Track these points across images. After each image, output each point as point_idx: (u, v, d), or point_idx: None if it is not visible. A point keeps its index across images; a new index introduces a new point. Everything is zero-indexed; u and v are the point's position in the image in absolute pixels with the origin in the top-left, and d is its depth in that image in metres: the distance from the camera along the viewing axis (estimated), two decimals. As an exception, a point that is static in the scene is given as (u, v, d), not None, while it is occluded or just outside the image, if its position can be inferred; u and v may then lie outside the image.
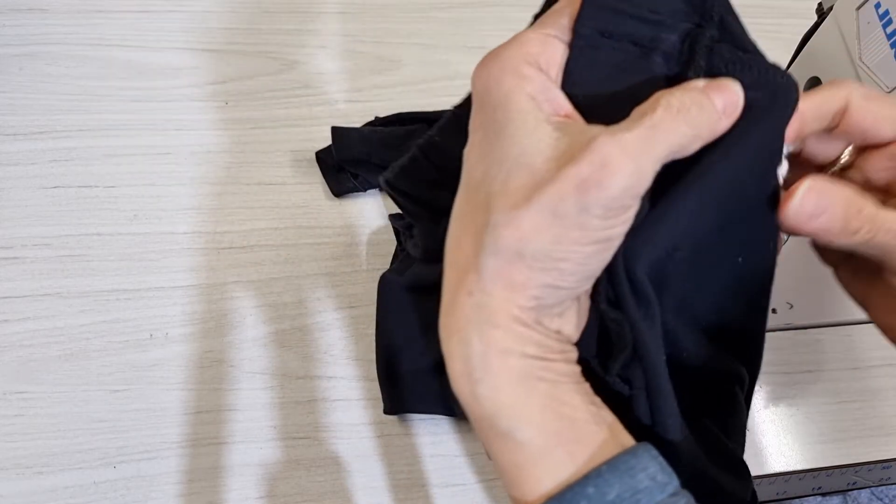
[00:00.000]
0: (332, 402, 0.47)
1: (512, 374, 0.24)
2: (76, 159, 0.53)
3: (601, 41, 0.27)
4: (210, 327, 0.48)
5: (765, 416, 0.51)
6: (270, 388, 0.47)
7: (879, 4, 0.38)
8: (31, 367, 0.46)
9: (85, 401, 0.45)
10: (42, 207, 0.51)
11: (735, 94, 0.26)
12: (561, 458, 0.24)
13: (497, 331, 0.24)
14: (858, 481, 0.52)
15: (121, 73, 0.57)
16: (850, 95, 0.28)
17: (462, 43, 0.62)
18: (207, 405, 0.46)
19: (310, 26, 0.61)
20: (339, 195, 0.54)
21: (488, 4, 0.65)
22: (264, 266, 0.51)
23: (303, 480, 0.45)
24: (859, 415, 0.52)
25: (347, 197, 0.54)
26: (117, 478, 0.44)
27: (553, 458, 0.24)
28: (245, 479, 0.45)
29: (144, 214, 0.52)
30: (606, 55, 0.27)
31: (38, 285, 0.48)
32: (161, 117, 0.55)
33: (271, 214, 0.53)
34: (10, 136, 0.53)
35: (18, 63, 0.56)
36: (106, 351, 0.47)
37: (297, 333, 0.49)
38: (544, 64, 0.26)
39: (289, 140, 0.56)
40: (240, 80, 0.58)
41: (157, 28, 0.59)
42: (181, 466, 0.44)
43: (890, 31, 0.38)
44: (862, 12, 0.39)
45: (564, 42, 0.27)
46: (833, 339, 0.54)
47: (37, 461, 0.44)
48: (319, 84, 0.58)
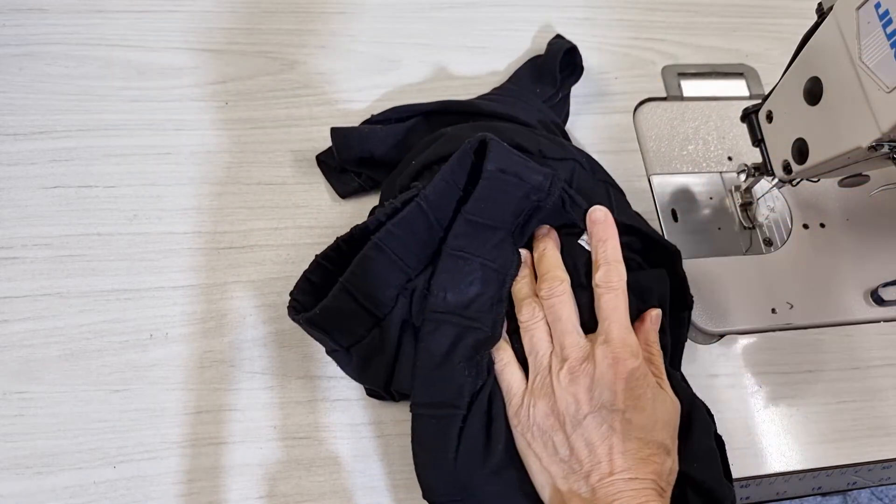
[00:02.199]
0: (332, 402, 0.47)
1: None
2: (76, 159, 0.53)
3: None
4: (210, 327, 0.48)
5: (765, 416, 0.51)
6: (270, 388, 0.47)
7: (879, 4, 0.38)
8: (31, 367, 0.46)
9: (85, 401, 0.45)
10: (42, 207, 0.51)
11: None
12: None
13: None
14: (858, 481, 0.52)
15: (121, 73, 0.57)
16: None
17: (462, 43, 0.62)
18: (207, 405, 0.46)
19: (310, 26, 0.61)
20: (345, 196, 0.54)
21: (488, 4, 0.65)
22: (264, 266, 0.51)
23: (303, 480, 0.45)
24: (859, 415, 0.52)
25: (349, 197, 0.54)
26: (117, 478, 0.44)
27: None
28: (245, 479, 0.45)
29: (144, 214, 0.52)
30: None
31: (38, 285, 0.48)
32: (161, 117, 0.55)
33: (271, 214, 0.53)
34: (10, 136, 0.53)
35: (18, 63, 0.56)
36: (106, 351, 0.47)
37: (297, 333, 0.49)
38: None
39: (289, 140, 0.56)
40: (240, 80, 0.58)
41: (157, 28, 0.59)
42: (181, 466, 0.44)
43: (890, 31, 0.38)
44: (862, 12, 0.39)
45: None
46: (833, 339, 0.54)
47: (37, 461, 0.44)
48: (319, 84, 0.58)
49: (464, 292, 0.43)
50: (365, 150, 0.52)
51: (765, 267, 0.55)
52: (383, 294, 0.43)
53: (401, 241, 0.43)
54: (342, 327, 0.43)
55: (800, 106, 0.45)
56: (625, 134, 0.60)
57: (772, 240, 0.57)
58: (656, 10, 0.67)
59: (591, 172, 0.51)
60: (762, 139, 0.51)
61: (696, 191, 0.59)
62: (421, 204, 0.43)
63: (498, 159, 0.43)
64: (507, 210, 0.44)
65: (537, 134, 0.51)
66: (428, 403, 0.42)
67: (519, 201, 0.44)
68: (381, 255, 0.43)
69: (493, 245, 0.44)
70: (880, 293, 0.55)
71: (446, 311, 0.43)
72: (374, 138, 0.52)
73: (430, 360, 0.42)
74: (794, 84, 0.46)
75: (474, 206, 0.44)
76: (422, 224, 0.44)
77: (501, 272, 0.44)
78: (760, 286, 0.54)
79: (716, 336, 0.53)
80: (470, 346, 0.42)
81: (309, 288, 0.45)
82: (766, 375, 0.52)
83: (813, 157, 0.45)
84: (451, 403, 0.41)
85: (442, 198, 0.44)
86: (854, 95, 0.40)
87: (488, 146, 0.44)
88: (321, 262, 0.45)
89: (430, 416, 0.42)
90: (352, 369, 0.46)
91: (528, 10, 0.65)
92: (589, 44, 0.64)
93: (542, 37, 0.63)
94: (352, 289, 0.42)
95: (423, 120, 0.54)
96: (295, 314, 0.44)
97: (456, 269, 0.44)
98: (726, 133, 0.61)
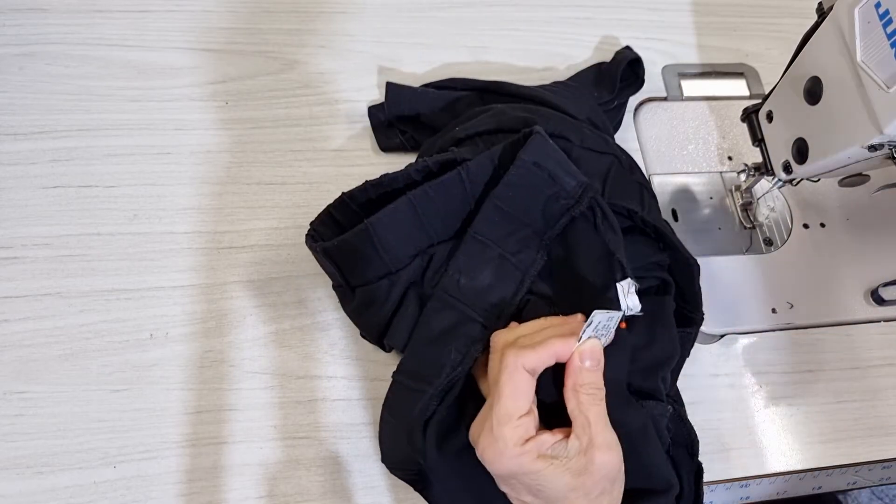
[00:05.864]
0: (332, 402, 0.47)
1: None
2: (76, 159, 0.53)
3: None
4: (210, 327, 0.48)
5: (765, 416, 0.51)
6: (270, 388, 0.47)
7: (879, 4, 0.38)
8: (31, 367, 0.46)
9: (85, 401, 0.45)
10: (42, 207, 0.51)
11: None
12: None
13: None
14: (858, 481, 0.52)
15: (121, 73, 0.57)
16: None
17: (462, 43, 0.62)
18: (207, 405, 0.46)
19: (310, 26, 0.61)
20: (387, 150, 0.56)
21: (488, 4, 0.65)
22: (264, 266, 0.51)
23: (303, 480, 0.45)
24: (859, 415, 0.52)
25: (390, 152, 0.55)
26: (117, 478, 0.44)
27: None
28: (245, 478, 0.45)
29: (144, 214, 0.52)
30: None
31: (38, 285, 0.48)
32: (161, 117, 0.55)
33: (271, 214, 0.53)
34: (10, 136, 0.53)
35: (18, 63, 0.56)
36: (106, 351, 0.47)
37: (297, 333, 0.49)
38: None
39: (289, 140, 0.56)
40: (240, 80, 0.58)
41: (157, 28, 0.59)
42: (181, 466, 0.45)
43: (890, 31, 0.38)
44: (862, 12, 0.39)
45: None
46: (833, 339, 0.54)
47: (37, 461, 0.44)
48: (319, 84, 0.58)
49: (477, 280, 0.43)
50: (413, 108, 0.55)
51: (765, 267, 0.55)
52: (402, 250, 0.44)
53: (433, 206, 0.44)
54: (354, 267, 0.44)
55: (800, 106, 0.45)
56: (625, 134, 0.60)
57: (772, 239, 0.57)
58: (656, 10, 0.67)
59: (629, 171, 0.51)
60: (762, 139, 0.51)
61: (696, 191, 0.59)
62: (462, 174, 0.44)
63: (535, 153, 0.43)
64: (534, 206, 0.44)
65: (583, 126, 0.51)
66: (408, 371, 0.43)
67: (548, 200, 0.44)
68: (410, 213, 0.43)
69: (517, 239, 0.44)
70: (880, 293, 0.55)
71: (455, 297, 0.43)
72: (425, 99, 0.55)
73: (428, 334, 0.43)
74: (794, 84, 0.46)
75: (502, 191, 0.44)
76: (457, 194, 0.44)
77: (520, 269, 0.44)
78: (760, 286, 0.54)
79: (716, 336, 0.53)
80: (466, 335, 0.42)
81: (330, 221, 0.46)
82: (766, 375, 0.52)
83: (813, 156, 0.45)
84: (426, 380, 0.41)
85: (482, 174, 0.44)
86: (854, 95, 0.40)
87: (531, 138, 0.43)
88: (346, 200, 0.46)
89: (406, 385, 0.42)
90: (350, 309, 0.47)
91: (528, 10, 0.65)
92: (589, 44, 0.64)
93: (543, 37, 0.63)
94: (374, 235, 0.43)
95: (475, 94, 0.56)
96: (313, 242, 0.45)
97: (474, 253, 0.44)
98: (726, 133, 0.61)
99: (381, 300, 0.44)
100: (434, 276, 0.45)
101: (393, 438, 0.43)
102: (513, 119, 0.49)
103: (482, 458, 0.37)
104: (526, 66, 0.62)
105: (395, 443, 0.43)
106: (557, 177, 0.43)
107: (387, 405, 0.43)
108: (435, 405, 0.41)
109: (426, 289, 0.45)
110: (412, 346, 0.43)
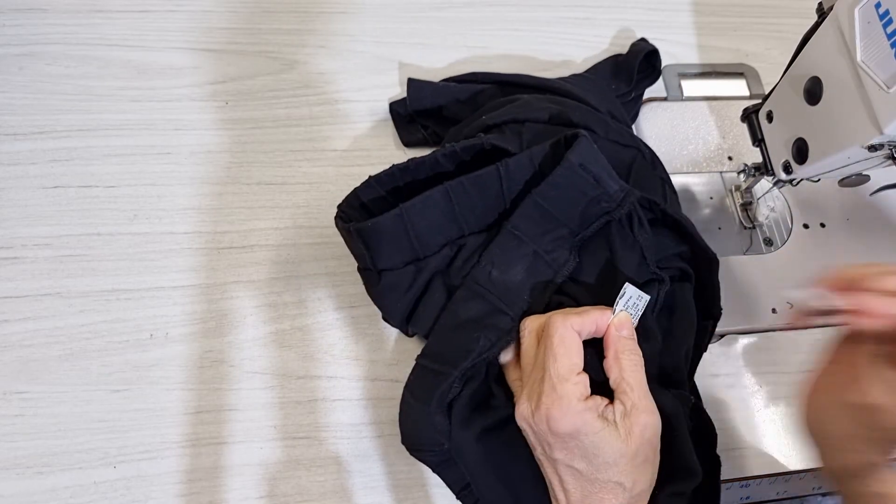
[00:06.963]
0: (332, 402, 0.47)
1: None
2: (76, 159, 0.53)
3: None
4: (210, 327, 0.48)
5: (765, 416, 0.51)
6: (270, 388, 0.47)
7: (879, 4, 0.38)
8: (31, 367, 0.46)
9: (85, 401, 0.45)
10: (42, 207, 0.51)
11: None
12: None
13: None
14: (858, 481, 0.52)
15: (121, 73, 0.57)
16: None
17: (462, 43, 0.62)
18: (207, 405, 0.46)
19: (310, 26, 0.61)
20: (409, 145, 0.56)
21: (488, 4, 0.65)
22: (264, 266, 0.51)
23: (303, 480, 0.45)
24: (859, 415, 0.52)
25: (412, 147, 0.56)
26: (117, 478, 0.44)
27: None
28: (245, 479, 0.45)
29: (144, 214, 0.52)
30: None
31: (38, 285, 0.48)
32: (161, 117, 0.55)
33: (271, 214, 0.53)
34: (10, 136, 0.53)
35: (18, 63, 0.56)
36: (106, 351, 0.47)
37: (297, 333, 0.49)
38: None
39: (289, 140, 0.56)
40: (240, 80, 0.58)
41: (157, 28, 0.59)
42: (181, 466, 0.45)
43: (890, 31, 0.38)
44: (862, 12, 0.39)
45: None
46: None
47: (37, 461, 0.44)
48: (319, 84, 0.58)
49: (509, 274, 0.44)
50: (435, 102, 0.55)
51: (765, 267, 0.55)
52: (433, 239, 0.45)
53: (469, 198, 0.44)
54: (384, 250, 0.45)
55: (800, 106, 0.45)
56: (625, 134, 0.60)
57: (772, 239, 0.57)
58: (656, 10, 0.67)
59: (652, 166, 0.51)
60: (762, 139, 0.51)
61: (697, 191, 0.59)
62: (500, 170, 0.44)
63: (582, 155, 0.44)
64: (574, 207, 0.44)
65: (607, 118, 0.51)
66: (433, 355, 0.43)
67: (589, 203, 0.44)
68: (445, 203, 0.44)
69: (552, 238, 0.44)
70: (880, 293, 0.55)
71: (486, 287, 0.44)
72: (447, 92, 0.56)
73: (453, 321, 0.43)
74: (794, 84, 0.46)
75: (546, 189, 0.44)
76: (493, 189, 0.45)
77: (553, 267, 0.44)
78: (761, 286, 0.54)
79: (716, 336, 0.53)
80: (495, 326, 0.43)
81: (357, 203, 0.46)
82: (766, 375, 0.52)
83: (813, 156, 0.45)
84: (451, 363, 0.42)
85: (521, 173, 0.45)
86: (854, 95, 0.40)
87: (578, 140, 0.44)
88: (372, 183, 0.46)
89: (430, 368, 0.42)
90: (375, 292, 0.47)
91: (527, 10, 0.65)
92: (589, 44, 0.64)
93: (543, 37, 0.63)
94: (407, 221, 0.43)
95: (496, 87, 0.56)
96: (343, 223, 0.45)
97: (509, 247, 0.44)
98: (726, 133, 0.61)
99: (406, 285, 0.45)
100: (463, 266, 0.45)
101: (414, 420, 0.43)
102: (540, 110, 0.50)
103: (547, 417, 0.37)
104: (526, 66, 0.62)
105: (416, 424, 0.43)
106: (602, 180, 0.44)
107: (408, 387, 0.43)
108: (458, 388, 0.42)
109: (453, 279, 0.45)
110: (438, 331, 0.44)
